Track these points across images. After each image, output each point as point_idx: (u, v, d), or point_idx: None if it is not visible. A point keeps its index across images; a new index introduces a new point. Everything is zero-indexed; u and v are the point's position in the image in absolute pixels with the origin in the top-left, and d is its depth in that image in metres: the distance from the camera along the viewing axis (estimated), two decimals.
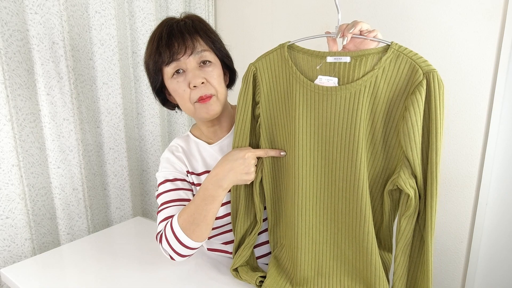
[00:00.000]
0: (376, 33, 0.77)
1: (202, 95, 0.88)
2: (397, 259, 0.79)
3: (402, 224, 0.77)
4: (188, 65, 0.88)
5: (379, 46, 0.74)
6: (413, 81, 0.71)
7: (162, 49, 0.87)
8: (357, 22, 0.77)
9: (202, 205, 0.86)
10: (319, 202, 0.84)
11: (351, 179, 0.79)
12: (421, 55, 0.71)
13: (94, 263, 1.04)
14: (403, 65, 0.72)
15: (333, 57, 0.76)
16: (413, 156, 0.73)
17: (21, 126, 1.26)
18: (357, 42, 0.81)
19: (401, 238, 0.78)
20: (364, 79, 0.74)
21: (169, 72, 0.89)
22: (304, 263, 0.86)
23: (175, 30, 0.88)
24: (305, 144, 0.82)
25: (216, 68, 0.91)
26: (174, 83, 0.89)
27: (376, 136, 0.78)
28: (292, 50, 0.83)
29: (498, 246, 1.26)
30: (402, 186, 0.74)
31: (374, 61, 0.74)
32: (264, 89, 0.87)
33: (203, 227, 0.86)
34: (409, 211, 0.75)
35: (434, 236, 0.74)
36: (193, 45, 0.87)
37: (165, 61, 0.87)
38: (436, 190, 0.72)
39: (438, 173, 0.72)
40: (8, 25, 1.18)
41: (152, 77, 0.93)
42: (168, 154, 1.00)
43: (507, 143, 1.19)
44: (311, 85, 0.79)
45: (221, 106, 0.92)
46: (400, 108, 0.74)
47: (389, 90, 0.74)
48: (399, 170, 0.76)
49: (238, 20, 1.70)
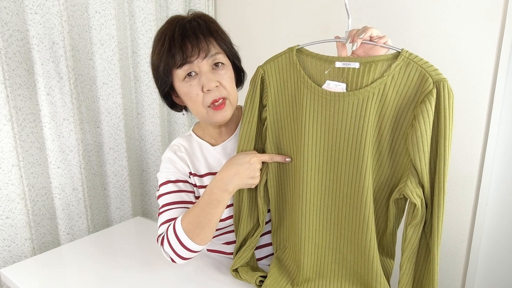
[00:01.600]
0: (387, 40, 0.76)
1: (216, 98, 0.86)
2: (402, 268, 0.78)
3: (408, 233, 0.76)
4: (201, 68, 0.85)
5: (389, 53, 0.74)
6: (423, 90, 0.70)
7: (175, 50, 0.83)
8: (367, 28, 0.76)
9: (207, 208, 0.85)
10: (323, 206, 0.84)
11: (356, 185, 0.78)
12: (431, 64, 0.70)
13: (94, 263, 1.04)
14: (413, 73, 0.71)
15: (342, 63, 0.75)
16: (421, 166, 0.72)
17: (21, 126, 1.26)
18: (367, 48, 0.80)
19: (407, 247, 0.77)
20: (373, 86, 0.73)
21: (180, 75, 0.86)
22: (306, 265, 0.86)
23: (188, 30, 0.84)
24: (312, 149, 0.81)
25: (228, 70, 0.90)
26: (186, 86, 0.87)
27: (382, 144, 0.77)
28: (300, 54, 0.82)
29: (498, 246, 1.26)
30: (409, 196, 0.74)
31: (384, 68, 0.73)
32: (272, 92, 0.86)
33: (207, 230, 0.86)
34: (416, 220, 0.75)
35: (440, 245, 0.73)
36: (207, 48, 0.85)
37: (177, 63, 0.84)
38: (443, 200, 0.71)
39: (446, 183, 0.71)
40: (8, 25, 1.18)
41: (161, 79, 0.89)
42: (170, 154, 0.98)
43: (507, 143, 1.19)
44: (319, 90, 0.78)
45: (233, 109, 0.91)
46: (408, 116, 0.73)
47: (398, 97, 0.73)
48: (405, 179, 0.75)
49: (238, 20, 1.70)
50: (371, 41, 0.77)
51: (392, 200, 0.79)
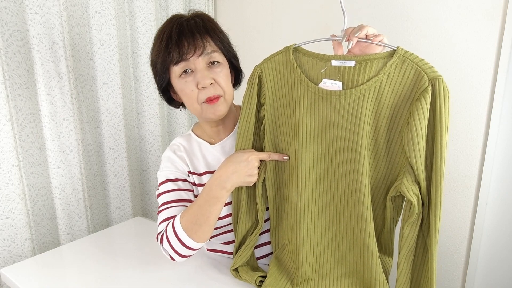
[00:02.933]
0: (382, 38, 0.77)
1: (210, 95, 0.88)
2: (400, 266, 0.78)
3: (405, 231, 0.76)
4: (197, 65, 0.87)
5: (385, 51, 0.74)
6: (418, 87, 0.70)
7: (172, 48, 0.86)
8: (363, 26, 0.76)
9: (205, 206, 0.86)
10: (321, 204, 0.84)
11: (353, 183, 0.79)
12: (427, 61, 0.71)
13: (94, 263, 1.04)
14: (409, 71, 0.71)
15: (338, 61, 0.76)
16: (417, 163, 0.72)
17: (21, 126, 1.26)
18: (363, 46, 0.81)
19: (404, 245, 0.77)
20: (369, 84, 0.73)
21: (177, 72, 0.88)
22: (305, 265, 0.86)
23: (185, 28, 0.87)
24: (309, 147, 0.81)
25: (224, 68, 0.91)
26: (182, 83, 0.89)
27: (379, 142, 0.77)
28: (297, 52, 0.82)
29: (498, 246, 1.26)
30: (405, 193, 0.74)
31: (379, 66, 0.73)
32: (269, 91, 0.87)
33: (205, 228, 0.86)
34: (412, 218, 0.75)
35: (438, 243, 0.73)
36: (203, 46, 0.87)
37: (174, 60, 0.86)
38: (440, 198, 0.71)
39: (443, 181, 0.71)
40: (8, 25, 1.18)
41: (159, 75, 0.92)
42: (169, 153, 0.99)
43: (507, 143, 1.19)
44: (315, 89, 0.79)
45: (228, 107, 0.92)
46: (404, 114, 0.74)
47: (394, 95, 0.73)
48: (402, 177, 0.75)
49: (238, 20, 1.70)
50: (367, 39, 0.77)
51: (389, 198, 0.79)
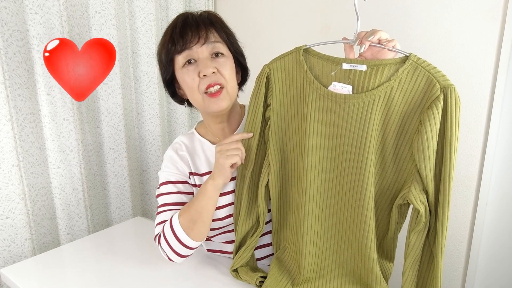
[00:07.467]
0: (395, 43, 0.76)
1: (211, 82, 0.87)
2: (405, 274, 0.77)
3: (411, 240, 0.76)
4: (200, 54, 0.88)
5: (397, 57, 0.73)
6: (430, 95, 0.70)
7: (176, 37, 0.87)
8: (376, 31, 0.76)
9: (197, 200, 0.88)
10: (325, 208, 0.84)
11: (358, 188, 0.78)
12: (439, 69, 0.70)
13: (94, 263, 1.04)
14: (420, 78, 0.71)
15: (349, 64, 0.75)
16: (426, 172, 0.71)
17: (21, 126, 1.26)
18: (375, 50, 0.80)
19: (410, 253, 0.76)
20: (379, 89, 0.73)
21: (180, 62, 0.89)
22: (306, 266, 0.86)
23: (190, 20, 0.89)
24: (315, 150, 0.81)
25: (229, 61, 0.91)
26: (184, 72, 0.89)
27: (386, 148, 0.76)
28: (307, 54, 0.82)
29: (498, 246, 1.26)
30: (412, 202, 0.73)
31: (391, 72, 0.72)
32: (277, 91, 0.86)
33: (199, 224, 0.87)
34: (419, 226, 0.74)
35: (444, 253, 0.73)
36: (206, 35, 0.88)
37: (177, 49, 0.87)
38: (448, 207, 0.71)
39: (451, 190, 0.70)
40: (8, 25, 1.18)
41: (164, 67, 0.93)
42: (171, 152, 0.99)
43: (507, 143, 1.19)
44: (324, 91, 0.78)
45: (231, 101, 0.92)
46: (414, 122, 0.73)
47: (404, 102, 0.73)
48: (409, 185, 0.74)
49: (238, 20, 1.70)
50: (380, 44, 0.76)
51: (396, 205, 0.78)
